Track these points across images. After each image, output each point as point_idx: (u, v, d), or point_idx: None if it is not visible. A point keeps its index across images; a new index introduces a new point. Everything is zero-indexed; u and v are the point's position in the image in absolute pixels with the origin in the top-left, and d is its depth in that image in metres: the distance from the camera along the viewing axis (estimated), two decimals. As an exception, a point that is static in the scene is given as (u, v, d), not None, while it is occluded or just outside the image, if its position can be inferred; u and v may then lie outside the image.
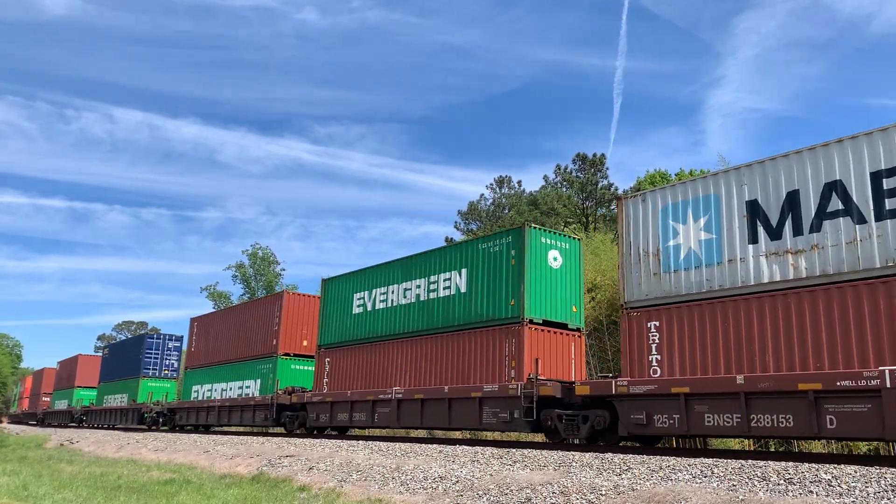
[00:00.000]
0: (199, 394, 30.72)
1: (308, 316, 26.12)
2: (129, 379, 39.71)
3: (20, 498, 11.04)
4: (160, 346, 38.59)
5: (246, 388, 27.05)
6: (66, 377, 53.45)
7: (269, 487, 12.66)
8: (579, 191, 51.07)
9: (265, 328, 26.72)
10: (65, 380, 53.91)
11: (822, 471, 8.89)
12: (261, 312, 27.34)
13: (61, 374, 56.28)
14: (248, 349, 27.50)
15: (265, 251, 66.59)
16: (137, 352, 39.33)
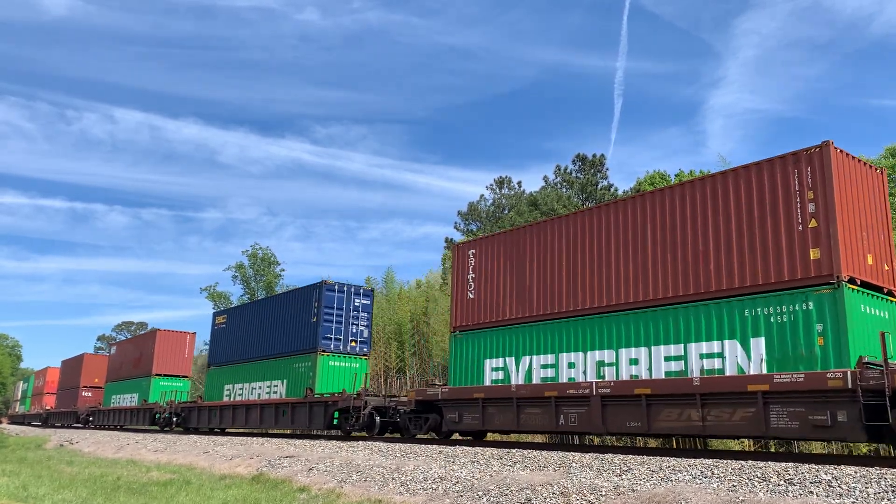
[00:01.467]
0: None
1: None
2: (289, 355, 25.72)
3: (20, 498, 11.03)
4: (342, 305, 24.79)
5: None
6: (136, 363, 40.92)
7: (269, 488, 12.65)
8: (579, 191, 51.06)
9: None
10: (128, 367, 41.78)
11: (823, 471, 8.89)
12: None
13: (121, 362, 43.89)
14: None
15: (265, 252, 66.51)
16: (305, 313, 24.94)
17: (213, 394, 29.54)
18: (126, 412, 38.33)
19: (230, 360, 29.10)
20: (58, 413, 55.34)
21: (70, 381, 51.73)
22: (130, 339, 48.65)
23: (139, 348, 40.25)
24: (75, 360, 51.67)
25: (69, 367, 53.46)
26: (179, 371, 38.04)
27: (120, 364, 42.89)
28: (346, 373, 23.37)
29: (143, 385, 37.30)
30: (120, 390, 41.39)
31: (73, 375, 51.21)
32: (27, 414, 71.16)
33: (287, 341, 25.30)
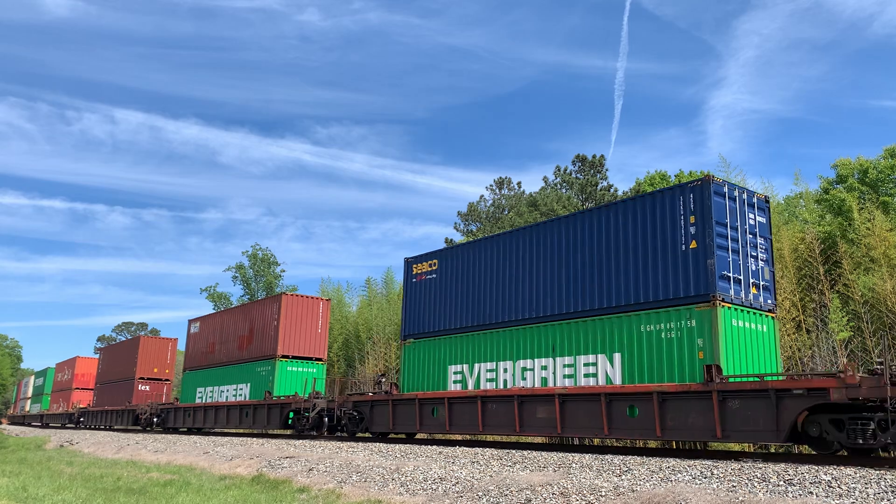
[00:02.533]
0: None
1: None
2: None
3: (20, 499, 11.03)
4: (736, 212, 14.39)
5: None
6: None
7: (269, 489, 12.65)
8: (579, 192, 51.07)
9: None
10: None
11: (822, 472, 8.90)
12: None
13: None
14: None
15: (265, 252, 66.54)
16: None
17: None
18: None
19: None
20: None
21: (120, 372, 41.77)
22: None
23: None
24: (128, 345, 43.14)
25: (117, 354, 44.17)
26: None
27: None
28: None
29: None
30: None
31: (124, 364, 41.54)
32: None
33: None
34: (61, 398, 53.87)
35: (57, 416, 52.95)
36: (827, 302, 21.66)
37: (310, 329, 27.05)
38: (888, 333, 21.22)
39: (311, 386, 24.48)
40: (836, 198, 25.84)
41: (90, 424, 45.02)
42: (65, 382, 53.91)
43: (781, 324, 21.67)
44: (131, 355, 40.05)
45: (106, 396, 42.67)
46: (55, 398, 56.42)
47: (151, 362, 39.42)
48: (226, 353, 29.64)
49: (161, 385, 40.73)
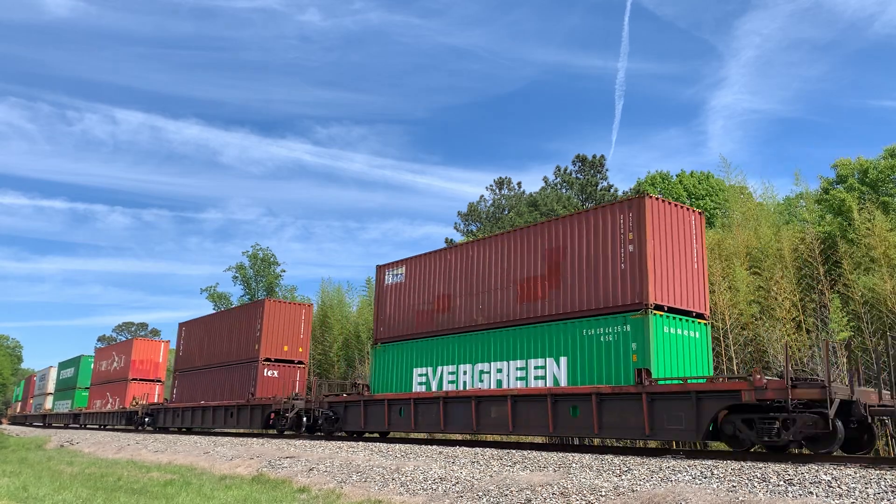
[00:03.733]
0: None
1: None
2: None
3: (20, 499, 11.04)
4: None
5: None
6: None
7: (269, 489, 12.65)
8: (579, 192, 51.08)
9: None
10: None
11: (822, 472, 8.90)
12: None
13: None
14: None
15: (265, 252, 66.55)
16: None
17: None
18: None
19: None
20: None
21: (232, 352, 29.25)
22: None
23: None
24: (243, 313, 29.68)
25: (218, 329, 31.15)
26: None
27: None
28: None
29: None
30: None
31: (237, 341, 29.14)
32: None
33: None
34: (110, 392, 43.11)
35: (103, 415, 42.47)
36: (827, 302, 21.66)
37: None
38: None
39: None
40: (836, 198, 25.83)
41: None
42: (115, 372, 43.16)
43: (781, 324, 21.69)
44: (250, 328, 28.06)
45: (201, 387, 30.72)
46: (99, 392, 45.41)
47: (280, 338, 27.69)
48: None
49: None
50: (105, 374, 45.78)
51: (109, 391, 43.79)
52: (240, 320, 28.95)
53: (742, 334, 22.70)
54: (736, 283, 22.93)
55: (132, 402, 38.06)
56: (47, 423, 55.82)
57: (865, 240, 22.15)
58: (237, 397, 27.26)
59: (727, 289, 23.06)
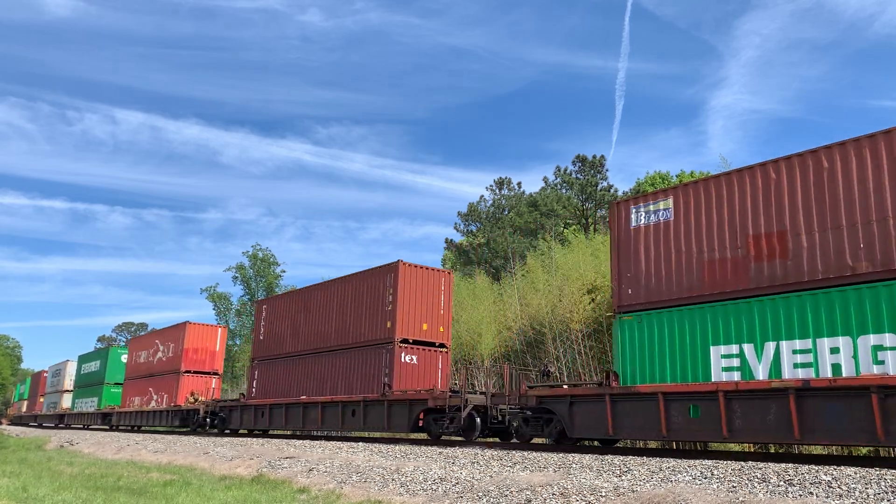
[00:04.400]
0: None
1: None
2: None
3: (20, 499, 11.04)
4: None
5: None
6: None
7: (269, 489, 12.65)
8: (579, 192, 51.08)
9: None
10: None
11: (822, 472, 8.90)
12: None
13: None
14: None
15: (265, 252, 66.65)
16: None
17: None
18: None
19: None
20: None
21: (360, 332, 22.60)
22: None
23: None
24: (374, 277, 22.78)
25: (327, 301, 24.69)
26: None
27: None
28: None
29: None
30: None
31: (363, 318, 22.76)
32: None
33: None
34: (154, 387, 36.78)
35: (145, 414, 35.34)
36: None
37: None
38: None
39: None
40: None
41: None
42: (161, 364, 36.84)
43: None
44: (377, 301, 21.68)
45: (295, 380, 24.51)
46: (137, 388, 39.09)
47: (418, 313, 21.29)
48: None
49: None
50: (145, 367, 38.67)
51: (153, 386, 36.64)
52: (360, 292, 22.27)
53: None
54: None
55: (189, 398, 31.79)
56: (66, 423, 49.40)
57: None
58: (362, 390, 20.76)
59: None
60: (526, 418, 16.21)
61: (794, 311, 12.35)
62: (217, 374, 35.43)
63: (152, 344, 38.69)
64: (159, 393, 35.77)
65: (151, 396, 36.73)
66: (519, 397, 16.21)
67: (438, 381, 20.69)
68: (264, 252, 66.84)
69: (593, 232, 42.76)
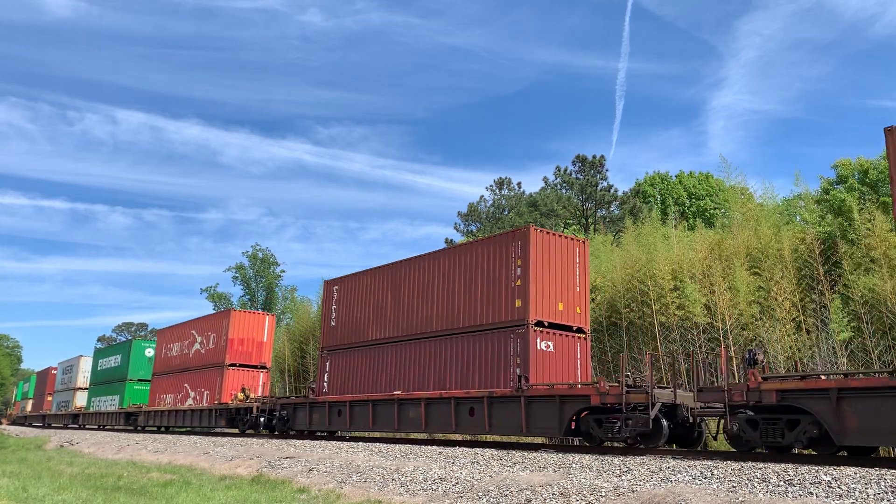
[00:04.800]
0: None
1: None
2: None
3: (20, 499, 11.04)
4: None
5: None
6: None
7: (269, 489, 12.65)
8: (579, 192, 51.08)
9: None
10: None
11: (822, 472, 8.89)
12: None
13: None
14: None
15: (265, 252, 66.63)
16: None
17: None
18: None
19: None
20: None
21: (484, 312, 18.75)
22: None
23: None
24: None
25: None
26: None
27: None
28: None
29: None
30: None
31: None
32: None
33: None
34: (192, 383, 32.52)
35: (183, 413, 31.15)
36: (827, 303, 21.66)
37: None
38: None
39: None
40: (836, 198, 25.83)
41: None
42: (200, 357, 32.58)
43: (782, 324, 21.72)
44: (500, 274, 17.92)
45: (384, 372, 20.70)
46: (169, 384, 34.97)
47: (552, 291, 17.65)
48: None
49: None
50: (179, 361, 34.51)
51: (190, 382, 32.39)
52: (474, 265, 18.42)
53: (742, 335, 22.70)
54: (736, 284, 22.93)
55: (238, 394, 27.53)
56: (81, 423, 45.24)
57: (865, 240, 22.15)
58: (482, 384, 17.16)
59: (727, 289, 23.07)
60: (751, 420, 12.27)
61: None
62: (265, 367, 30.94)
63: (187, 335, 34.21)
64: (197, 389, 31.43)
65: (188, 394, 32.23)
66: (747, 391, 12.19)
67: (578, 374, 17.24)
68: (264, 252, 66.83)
69: (593, 232, 42.80)
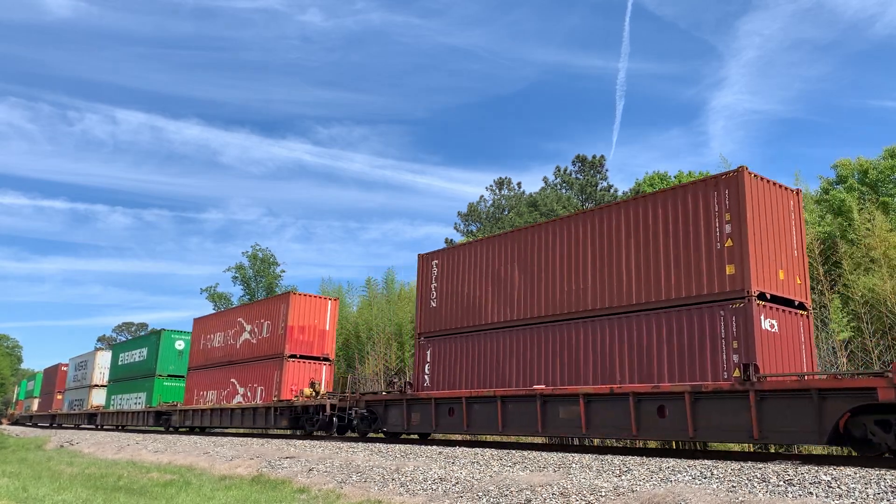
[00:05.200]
0: None
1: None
2: None
3: (20, 499, 11.04)
4: None
5: None
6: None
7: (269, 489, 12.65)
8: (579, 192, 51.10)
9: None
10: None
11: (822, 472, 8.90)
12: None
13: None
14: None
15: (265, 252, 66.60)
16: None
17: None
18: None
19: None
20: None
21: None
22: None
23: None
24: None
25: None
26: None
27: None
28: None
29: None
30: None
31: None
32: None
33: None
34: (240, 378, 28.27)
35: (231, 412, 27.41)
36: (827, 302, 21.66)
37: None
38: None
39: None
40: (836, 198, 25.84)
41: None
42: (250, 347, 28.24)
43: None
44: (696, 228, 13.95)
45: (513, 361, 16.98)
46: (210, 380, 30.58)
47: (770, 252, 13.79)
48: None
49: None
50: (223, 353, 30.31)
51: (238, 377, 28.39)
52: (650, 222, 14.54)
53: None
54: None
55: (305, 389, 23.94)
56: (99, 424, 41.70)
57: (865, 240, 22.16)
58: (677, 375, 13.34)
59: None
60: None
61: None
62: (328, 360, 26.90)
63: (233, 323, 29.95)
64: (249, 385, 27.41)
65: (235, 390, 28.17)
66: None
67: (804, 362, 13.52)
68: (264, 252, 66.80)
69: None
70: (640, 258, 14.64)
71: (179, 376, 34.97)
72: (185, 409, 31.42)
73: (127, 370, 39.75)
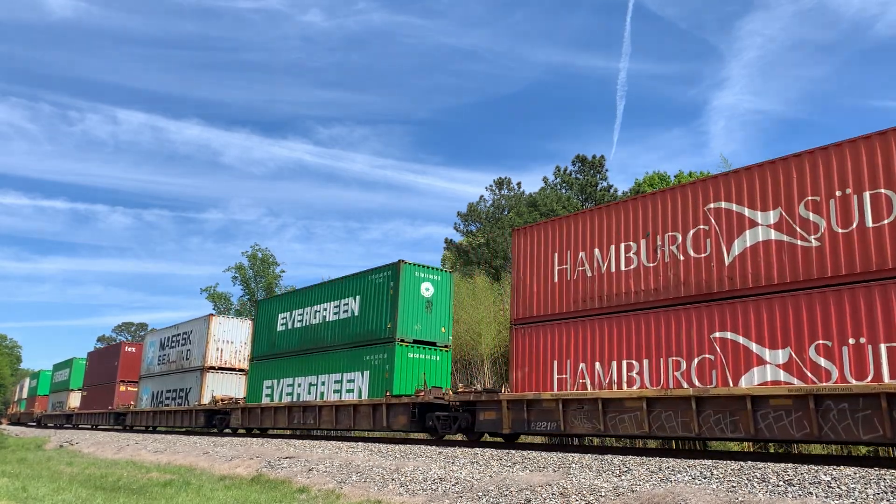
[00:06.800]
0: None
1: None
2: None
3: (20, 499, 11.04)
4: None
5: None
6: None
7: (269, 489, 12.65)
8: (579, 192, 51.09)
9: None
10: None
11: (822, 472, 8.90)
12: None
13: None
14: None
15: (265, 253, 66.60)
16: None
17: None
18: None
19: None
20: None
21: None
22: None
23: None
24: None
25: None
26: None
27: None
28: None
29: None
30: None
31: None
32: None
33: None
34: None
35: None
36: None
37: None
38: None
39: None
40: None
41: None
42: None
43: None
44: None
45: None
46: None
47: None
48: None
49: None
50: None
51: None
52: None
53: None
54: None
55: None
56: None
57: None
58: None
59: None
60: None
61: None
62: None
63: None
64: None
65: None
66: None
67: None
68: (264, 252, 66.80)
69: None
70: None
71: (428, 343, 20.90)
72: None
73: (313, 334, 23.79)
